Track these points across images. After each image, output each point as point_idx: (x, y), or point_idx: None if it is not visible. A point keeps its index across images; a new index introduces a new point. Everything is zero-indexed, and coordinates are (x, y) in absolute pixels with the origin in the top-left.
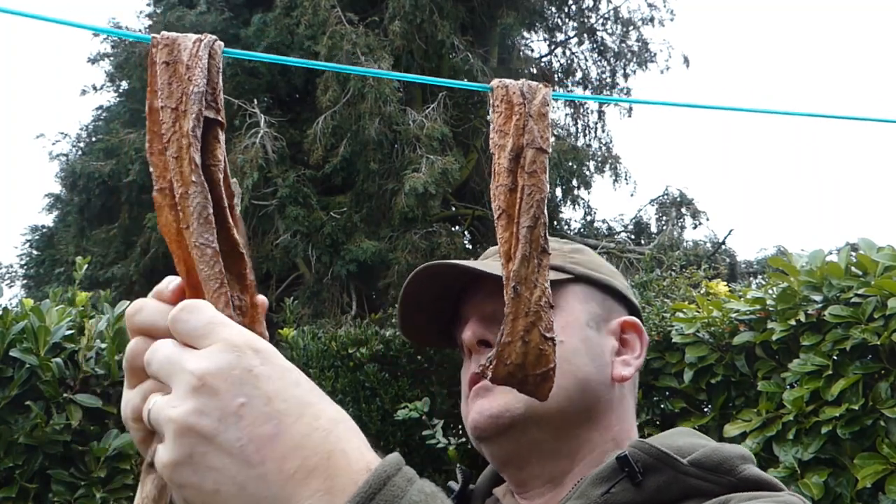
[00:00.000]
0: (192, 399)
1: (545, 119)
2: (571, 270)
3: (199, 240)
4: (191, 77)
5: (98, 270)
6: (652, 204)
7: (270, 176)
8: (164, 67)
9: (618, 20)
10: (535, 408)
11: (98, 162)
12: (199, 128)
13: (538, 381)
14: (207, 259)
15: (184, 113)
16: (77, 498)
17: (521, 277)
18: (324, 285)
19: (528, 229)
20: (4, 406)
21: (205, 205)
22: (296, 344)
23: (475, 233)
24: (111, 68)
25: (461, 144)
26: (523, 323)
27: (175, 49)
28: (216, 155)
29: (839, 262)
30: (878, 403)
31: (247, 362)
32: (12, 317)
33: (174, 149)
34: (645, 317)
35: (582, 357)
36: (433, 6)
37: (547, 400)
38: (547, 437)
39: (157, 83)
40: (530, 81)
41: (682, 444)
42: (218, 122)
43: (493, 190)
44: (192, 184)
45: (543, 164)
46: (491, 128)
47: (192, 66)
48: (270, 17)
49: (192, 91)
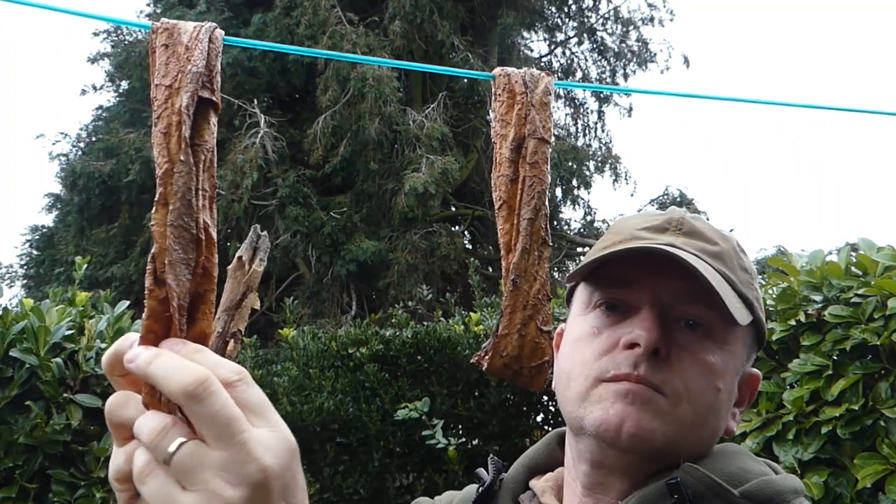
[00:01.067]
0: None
1: (547, 108)
2: (756, 312)
3: (178, 221)
4: (189, 57)
5: (98, 270)
6: (652, 204)
7: (270, 176)
8: (162, 49)
9: (618, 20)
10: (674, 448)
11: (98, 162)
12: (192, 106)
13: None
14: (185, 243)
15: (177, 90)
16: (77, 498)
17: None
18: (324, 285)
19: (528, 221)
20: (4, 406)
21: (189, 186)
22: (296, 344)
23: (475, 233)
24: (111, 68)
25: (461, 144)
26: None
27: (175, 33)
28: (203, 136)
29: (839, 262)
30: (878, 403)
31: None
32: (12, 317)
33: (164, 124)
34: None
35: (723, 410)
36: (433, 6)
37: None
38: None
39: (156, 63)
40: (533, 70)
41: (734, 470)
42: (212, 104)
43: (494, 180)
44: (180, 162)
45: (545, 154)
46: (493, 117)
47: (192, 48)
48: (270, 16)
49: (190, 70)
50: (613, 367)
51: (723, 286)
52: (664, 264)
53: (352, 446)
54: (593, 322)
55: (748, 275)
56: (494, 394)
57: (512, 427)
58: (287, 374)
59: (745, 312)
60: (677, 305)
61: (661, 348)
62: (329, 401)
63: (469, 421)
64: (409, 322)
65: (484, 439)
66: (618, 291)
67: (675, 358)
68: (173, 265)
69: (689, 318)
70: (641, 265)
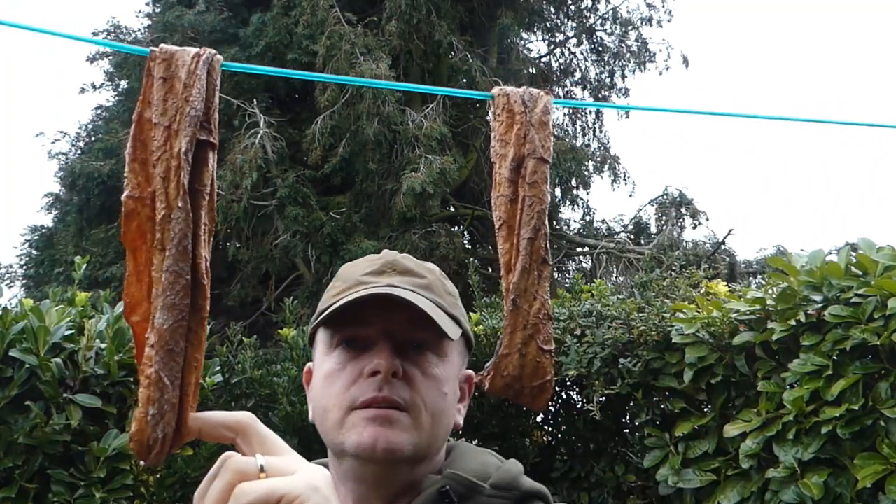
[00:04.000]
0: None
1: (546, 128)
2: (463, 326)
3: (174, 267)
4: (187, 97)
5: (97, 270)
6: (651, 204)
7: (270, 176)
8: (160, 83)
9: (617, 20)
10: (418, 451)
11: (97, 162)
12: (191, 151)
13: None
14: (178, 289)
15: (176, 132)
16: (77, 498)
17: (520, 290)
18: (323, 285)
19: (528, 241)
20: (4, 406)
21: (186, 233)
22: (296, 344)
23: (474, 233)
24: (110, 68)
25: (460, 144)
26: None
27: (173, 64)
28: (203, 179)
29: (839, 262)
30: (878, 403)
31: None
32: (12, 317)
33: (162, 168)
34: (644, 317)
35: (452, 409)
36: (430, 6)
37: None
38: (406, 469)
39: (153, 97)
40: (531, 89)
41: (477, 466)
42: (210, 144)
43: (493, 200)
44: (178, 209)
45: (544, 174)
46: (492, 136)
47: (190, 85)
48: (269, 16)
49: (189, 113)
50: (361, 394)
51: (436, 312)
52: (389, 302)
53: None
54: (337, 359)
55: (452, 297)
56: None
57: (511, 427)
58: (287, 374)
59: (456, 328)
60: (404, 333)
61: (398, 371)
62: None
63: (468, 421)
64: None
65: (483, 439)
66: (354, 330)
67: (409, 376)
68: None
69: (415, 341)
70: (371, 306)
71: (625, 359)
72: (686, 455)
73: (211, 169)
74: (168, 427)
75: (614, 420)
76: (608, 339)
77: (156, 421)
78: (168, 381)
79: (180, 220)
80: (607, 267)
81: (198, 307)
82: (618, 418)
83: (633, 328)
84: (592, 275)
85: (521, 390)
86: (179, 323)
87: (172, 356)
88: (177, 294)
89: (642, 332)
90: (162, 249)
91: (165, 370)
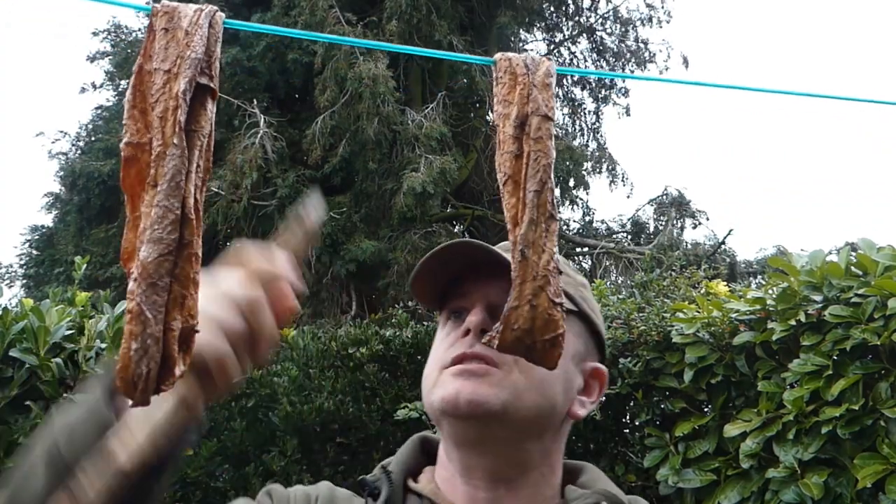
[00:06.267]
0: None
1: (549, 89)
2: (578, 304)
3: (164, 202)
4: (189, 42)
5: (97, 270)
6: (651, 204)
7: (270, 176)
8: (162, 34)
9: (617, 20)
10: (510, 411)
11: (97, 161)
12: (189, 92)
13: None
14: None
15: (175, 76)
16: None
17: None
18: (323, 285)
19: (534, 193)
20: (4, 406)
21: (179, 169)
22: (296, 344)
23: (475, 232)
24: (110, 67)
25: (460, 144)
26: (531, 287)
27: (175, 17)
28: (200, 121)
29: (839, 262)
30: (878, 403)
31: None
32: (12, 317)
33: (160, 108)
34: (645, 317)
35: (558, 385)
36: (430, 6)
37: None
38: (507, 437)
39: (154, 48)
40: (533, 54)
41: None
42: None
43: (497, 159)
44: (173, 146)
45: (549, 130)
46: (494, 100)
47: (192, 33)
48: (269, 16)
49: (189, 56)
50: (452, 353)
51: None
52: (490, 270)
53: (352, 446)
54: (444, 330)
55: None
56: None
57: None
58: (287, 375)
59: None
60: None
61: (487, 327)
62: (329, 401)
63: None
64: (409, 322)
65: None
66: (457, 302)
67: None
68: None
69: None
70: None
71: (625, 358)
72: (686, 455)
73: (209, 114)
74: (153, 362)
75: (614, 420)
76: (608, 338)
77: (139, 356)
78: (150, 314)
79: (175, 157)
80: (607, 267)
81: (185, 242)
82: (618, 418)
83: (633, 328)
84: (592, 275)
85: (533, 344)
86: (165, 257)
87: (155, 290)
88: (164, 229)
89: (642, 332)
90: (154, 185)
91: (147, 303)
